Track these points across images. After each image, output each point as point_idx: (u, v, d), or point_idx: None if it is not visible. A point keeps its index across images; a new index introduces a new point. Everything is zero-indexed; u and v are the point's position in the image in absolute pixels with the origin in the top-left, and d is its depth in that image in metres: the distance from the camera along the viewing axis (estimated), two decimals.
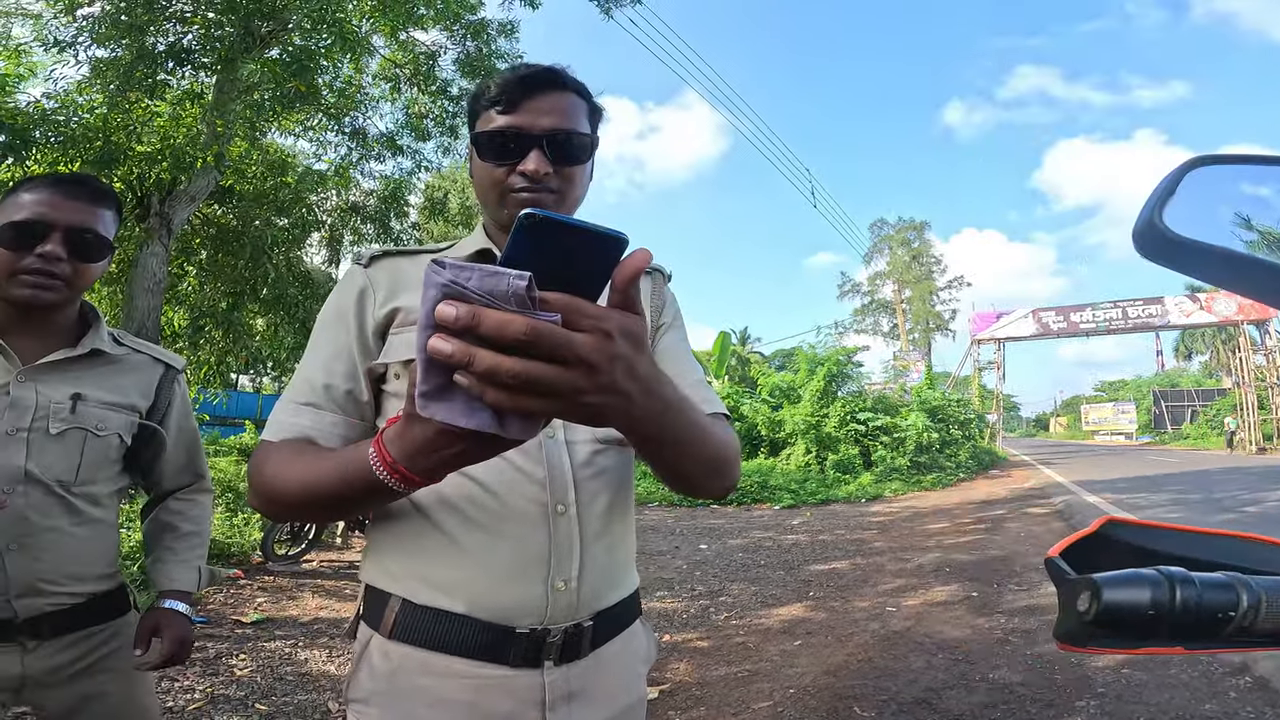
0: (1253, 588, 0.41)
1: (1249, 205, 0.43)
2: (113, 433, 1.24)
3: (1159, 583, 0.41)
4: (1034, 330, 32.82)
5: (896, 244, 43.35)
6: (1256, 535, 0.50)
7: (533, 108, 0.87)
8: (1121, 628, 0.41)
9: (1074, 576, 0.43)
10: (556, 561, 0.84)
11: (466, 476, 0.83)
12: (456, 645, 0.82)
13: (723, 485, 0.87)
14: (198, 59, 6.68)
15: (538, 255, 0.42)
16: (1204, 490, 11.14)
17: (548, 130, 0.86)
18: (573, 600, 0.85)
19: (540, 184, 0.86)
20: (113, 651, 1.24)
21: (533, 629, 0.83)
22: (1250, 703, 2.83)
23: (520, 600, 0.83)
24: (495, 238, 0.96)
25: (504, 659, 0.82)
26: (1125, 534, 0.49)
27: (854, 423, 14.79)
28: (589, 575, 0.86)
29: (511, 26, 9.03)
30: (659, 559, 6.56)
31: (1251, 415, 28.06)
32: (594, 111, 0.94)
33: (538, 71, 0.89)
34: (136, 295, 6.32)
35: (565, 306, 0.43)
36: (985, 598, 4.82)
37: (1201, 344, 44.64)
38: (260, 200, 7.38)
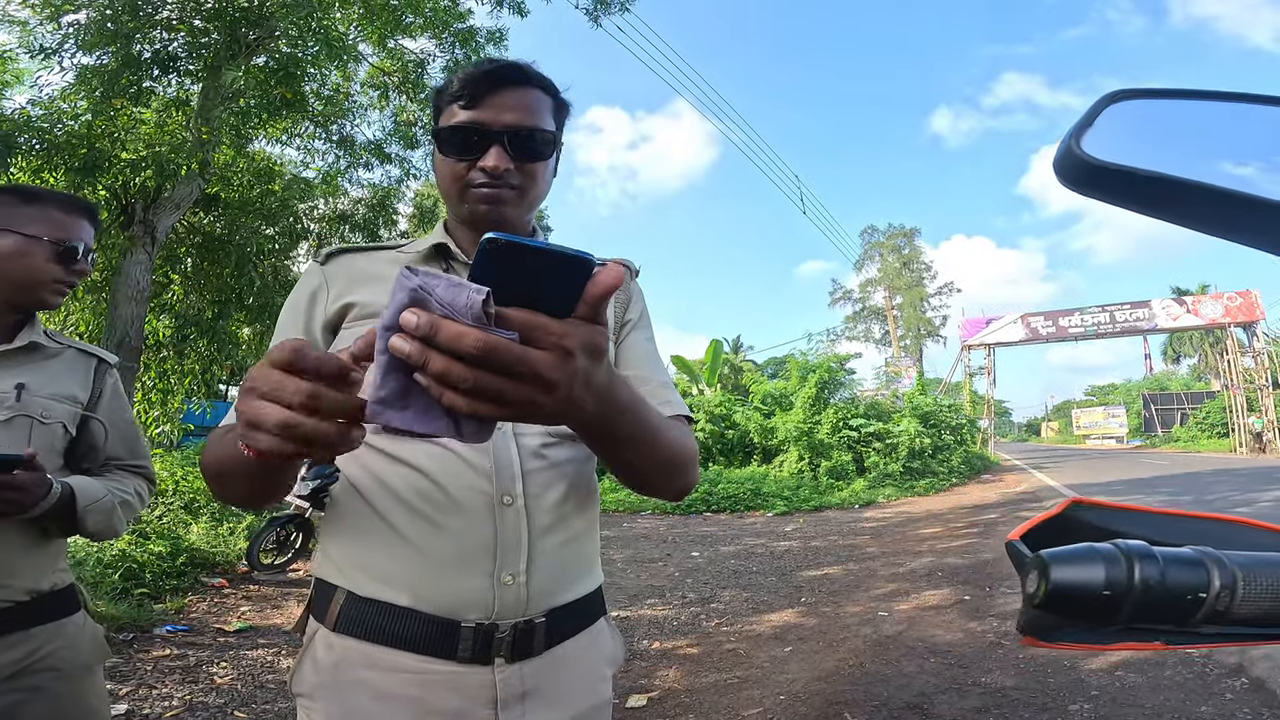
0: (1225, 564, 0.37)
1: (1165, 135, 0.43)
2: (57, 421, 1.25)
3: (1114, 558, 0.37)
4: (1023, 335, 32.99)
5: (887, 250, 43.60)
6: (1233, 516, 0.46)
7: (495, 103, 0.86)
8: (1075, 612, 0.37)
9: (1029, 555, 0.39)
10: (502, 554, 0.81)
11: (411, 467, 0.82)
12: (401, 638, 0.80)
13: (678, 486, 0.86)
14: (183, 66, 6.64)
15: (502, 277, 0.43)
16: (1196, 492, 11.19)
17: (509, 126, 0.86)
18: (521, 595, 0.82)
19: (500, 180, 0.86)
20: (56, 650, 1.21)
21: (479, 623, 0.80)
22: (1247, 704, 2.80)
23: (465, 594, 0.80)
24: (455, 233, 0.96)
25: (450, 654, 0.80)
26: (1092, 516, 0.45)
27: (846, 429, 14.79)
28: (540, 570, 0.83)
29: (500, 34, 9.03)
30: (650, 566, 6.51)
31: (1241, 417, 28.26)
32: (560, 108, 0.93)
33: (501, 66, 0.88)
34: (120, 304, 6.25)
35: (524, 324, 0.44)
36: (977, 601, 4.80)
37: (1189, 347, 45.00)
38: (246, 208, 7.33)
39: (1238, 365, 28.87)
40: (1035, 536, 0.43)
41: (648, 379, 0.95)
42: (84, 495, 1.22)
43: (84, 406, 1.32)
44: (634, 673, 3.59)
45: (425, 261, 0.94)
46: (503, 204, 0.88)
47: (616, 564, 6.65)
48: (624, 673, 3.59)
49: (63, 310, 6.86)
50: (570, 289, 0.45)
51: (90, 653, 1.28)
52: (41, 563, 1.22)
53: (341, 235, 8.77)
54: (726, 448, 15.52)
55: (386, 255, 0.96)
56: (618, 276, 0.45)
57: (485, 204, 0.88)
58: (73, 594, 1.29)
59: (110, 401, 1.37)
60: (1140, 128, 0.41)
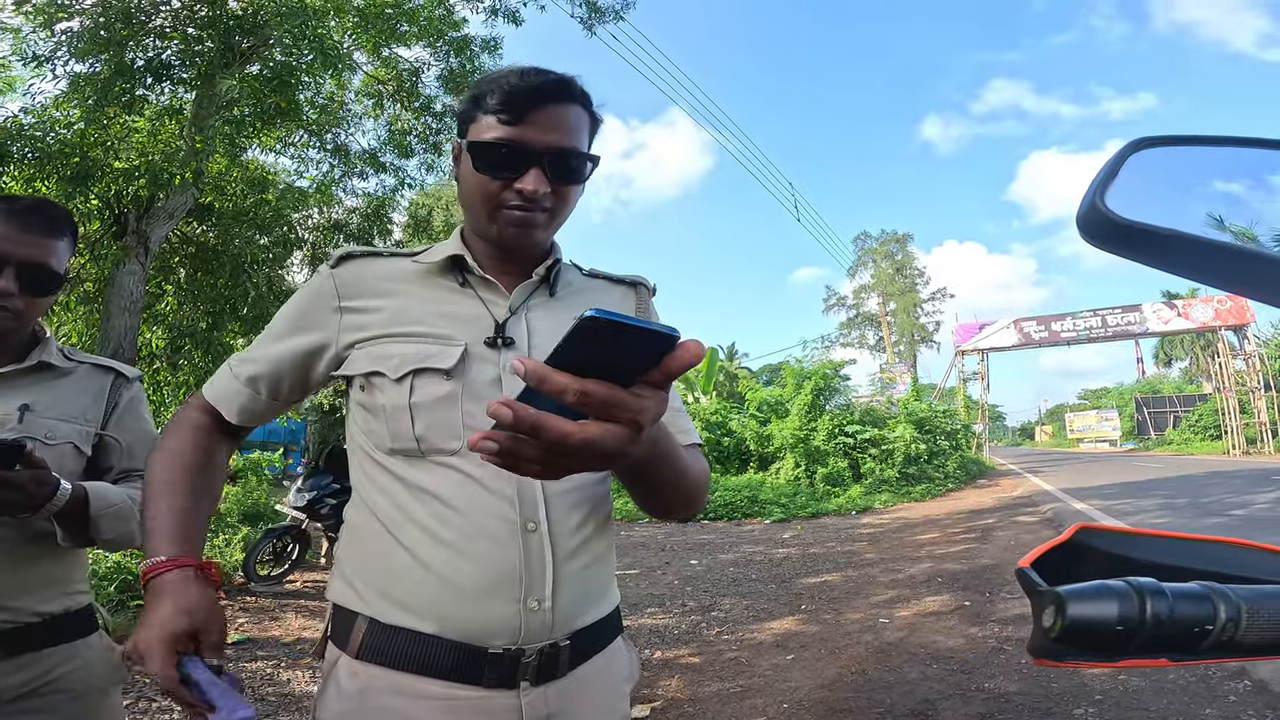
0: (1231, 599, 0.38)
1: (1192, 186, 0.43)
2: (65, 442, 1.20)
3: (1127, 595, 0.38)
4: (1016, 340, 33.11)
5: (880, 257, 43.78)
6: (1239, 540, 0.47)
7: (538, 121, 0.83)
8: (1090, 645, 0.38)
9: (1043, 588, 0.40)
10: (528, 581, 0.81)
11: (433, 495, 0.82)
12: (427, 666, 0.79)
13: (691, 512, 0.91)
14: (177, 74, 6.61)
15: (591, 349, 0.45)
16: (1190, 495, 11.21)
17: (551, 148, 0.83)
18: (547, 620, 0.81)
19: (535, 203, 0.84)
20: (71, 672, 1.18)
21: (506, 649, 0.80)
22: (1251, 706, 2.79)
23: (492, 621, 0.80)
24: (472, 244, 0.93)
25: (477, 680, 0.79)
26: (1100, 541, 0.46)
27: (842, 436, 14.79)
28: (564, 594, 0.83)
29: (495, 43, 9.05)
30: (650, 575, 6.48)
31: (1234, 419, 28.42)
32: (594, 124, 0.91)
33: (547, 83, 0.84)
34: (113, 315, 6.20)
35: (604, 401, 0.46)
36: (978, 607, 4.78)
37: (1181, 350, 45.29)
38: (240, 218, 7.29)
39: (1229, 368, 29.04)
40: (1044, 562, 0.43)
41: (670, 407, 0.97)
42: (98, 499, 1.15)
43: (99, 424, 1.28)
44: (636, 682, 3.55)
45: (440, 273, 0.92)
46: (534, 227, 0.87)
47: (616, 572, 6.59)
48: None
49: (54, 321, 6.80)
50: (649, 358, 0.47)
51: (105, 675, 1.24)
52: (51, 583, 1.19)
53: (336, 244, 8.73)
54: (723, 455, 15.49)
55: (402, 265, 0.94)
56: (698, 354, 0.47)
57: (516, 227, 0.86)
58: (90, 615, 1.26)
59: (126, 415, 1.33)
60: (1164, 178, 0.41)
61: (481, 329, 0.87)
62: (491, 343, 0.86)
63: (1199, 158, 0.44)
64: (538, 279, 0.92)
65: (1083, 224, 0.38)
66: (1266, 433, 27.40)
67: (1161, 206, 0.37)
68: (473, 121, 0.86)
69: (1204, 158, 0.44)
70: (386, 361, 0.85)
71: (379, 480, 0.86)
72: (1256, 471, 15.84)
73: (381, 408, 0.84)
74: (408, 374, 0.83)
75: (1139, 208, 0.36)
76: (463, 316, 0.88)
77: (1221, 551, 0.46)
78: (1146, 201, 0.37)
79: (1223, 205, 0.40)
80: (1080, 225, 0.38)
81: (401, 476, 0.84)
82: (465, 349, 0.84)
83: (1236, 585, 0.39)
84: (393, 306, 0.88)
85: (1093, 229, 0.37)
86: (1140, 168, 0.41)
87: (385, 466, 0.85)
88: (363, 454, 0.89)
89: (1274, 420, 27.53)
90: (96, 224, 6.49)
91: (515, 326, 0.89)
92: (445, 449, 0.83)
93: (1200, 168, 0.44)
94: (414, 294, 0.90)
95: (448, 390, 0.83)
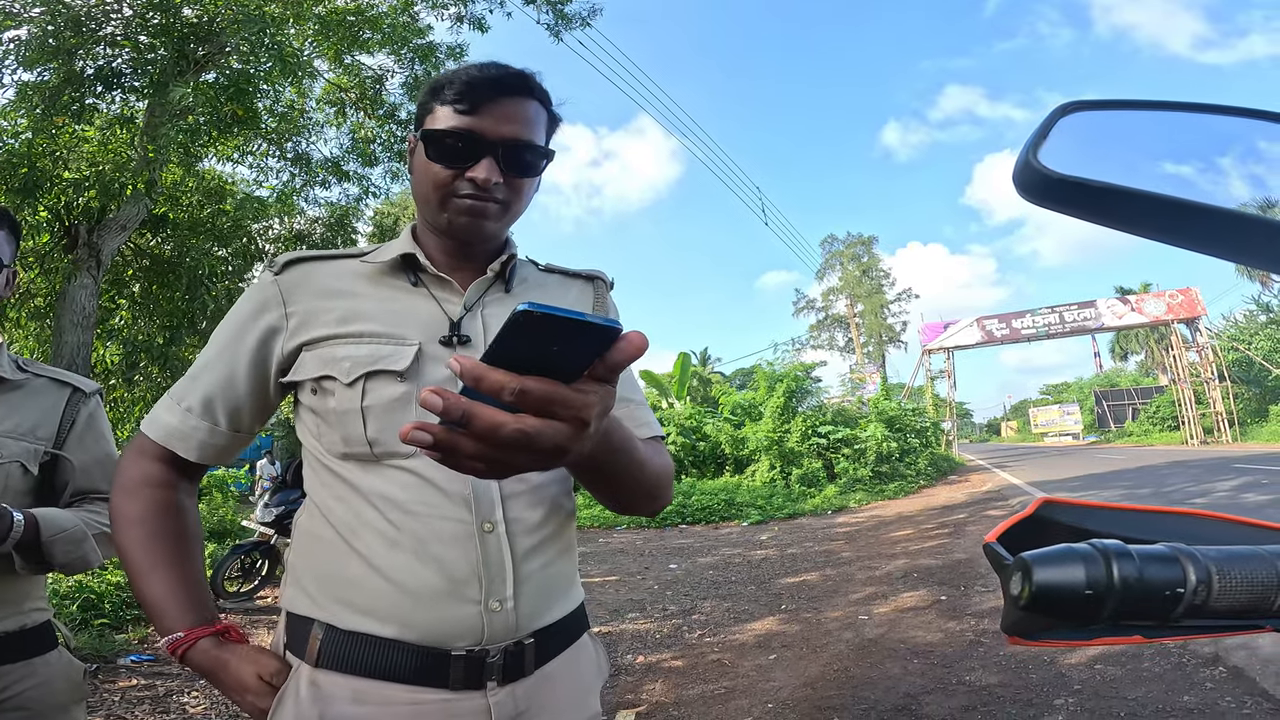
0: (1199, 560, 0.38)
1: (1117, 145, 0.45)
2: (11, 461, 1.16)
3: (1093, 558, 0.37)
4: (979, 338, 33.82)
5: (847, 259, 44.36)
6: (1201, 510, 0.47)
7: (494, 112, 0.82)
8: (1060, 612, 0.38)
9: (1010, 559, 0.40)
10: (488, 582, 0.79)
11: (386, 499, 0.79)
12: (390, 671, 0.77)
13: (657, 506, 0.88)
14: (128, 82, 6.43)
15: (527, 344, 0.44)
16: (1153, 484, 11.54)
17: (505, 139, 0.82)
18: (510, 620, 0.80)
19: (487, 193, 0.83)
20: (28, 690, 1.15)
21: (470, 650, 0.78)
22: (1228, 692, 2.83)
23: (453, 623, 0.78)
24: (424, 241, 0.91)
25: (443, 682, 0.77)
26: (1064, 515, 0.46)
27: (815, 437, 14.93)
28: (526, 593, 0.81)
29: (460, 50, 8.96)
30: (629, 580, 6.43)
31: (1191, 410, 29.37)
32: (553, 121, 0.90)
33: (505, 75, 0.84)
34: (65, 330, 5.97)
35: (546, 398, 0.45)
36: (954, 601, 4.83)
37: (1136, 344, 46.64)
38: (197, 229, 7.10)
39: (1183, 360, 30.04)
40: (1011, 538, 0.43)
41: (628, 399, 0.94)
42: (49, 526, 1.13)
43: (50, 442, 1.23)
44: (620, 688, 3.51)
45: (391, 272, 0.89)
46: (485, 218, 0.85)
47: (595, 579, 6.55)
48: (610, 688, 3.51)
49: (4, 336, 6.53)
50: (592, 351, 0.46)
51: (65, 692, 1.21)
52: (6, 602, 1.15)
53: None
54: (699, 460, 15.52)
55: (350, 266, 0.90)
56: (641, 346, 0.46)
57: (467, 216, 0.84)
58: (49, 632, 1.22)
59: (84, 434, 1.28)
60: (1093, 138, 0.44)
61: (436, 328, 0.85)
62: (447, 341, 0.84)
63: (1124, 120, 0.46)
64: (493, 275, 0.90)
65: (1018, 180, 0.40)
66: (1223, 422, 28.38)
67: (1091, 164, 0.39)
68: (429, 114, 0.86)
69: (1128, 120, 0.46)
70: (338, 364, 0.82)
71: (332, 486, 0.83)
72: (1215, 460, 16.36)
73: (333, 412, 0.81)
74: (360, 377, 0.80)
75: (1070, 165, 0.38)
76: (416, 316, 0.85)
77: (1184, 523, 0.47)
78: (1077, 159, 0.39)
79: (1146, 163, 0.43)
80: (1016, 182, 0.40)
81: (355, 482, 0.81)
82: (420, 349, 0.82)
83: (1204, 547, 0.39)
84: (342, 308, 0.85)
85: (1028, 185, 0.39)
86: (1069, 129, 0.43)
87: (337, 472, 0.83)
88: (314, 460, 0.86)
89: (1229, 410, 28.52)
90: (46, 236, 6.27)
91: (471, 324, 0.87)
92: (399, 452, 0.80)
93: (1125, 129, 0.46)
94: (364, 294, 0.87)
95: (401, 392, 0.80)
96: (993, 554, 0.42)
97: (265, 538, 5.80)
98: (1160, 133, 0.46)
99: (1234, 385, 29.54)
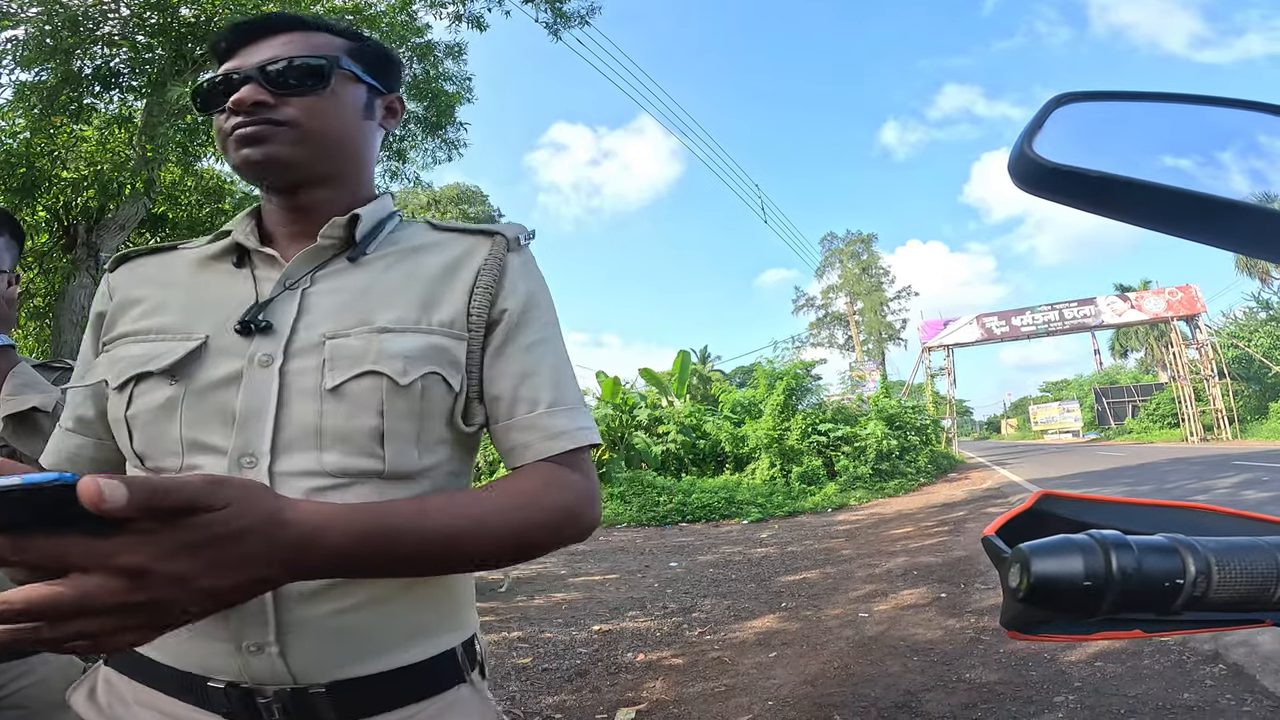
0: (1199, 550, 0.37)
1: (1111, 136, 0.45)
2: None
3: (1091, 549, 0.37)
4: (979, 335, 33.83)
5: (846, 257, 44.38)
6: (1201, 504, 0.47)
7: (250, 50, 0.76)
8: (1059, 605, 0.37)
9: (1008, 551, 0.40)
10: (240, 622, 0.66)
11: None
12: (161, 684, 0.71)
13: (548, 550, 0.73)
14: (126, 82, 6.44)
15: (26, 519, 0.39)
16: (1154, 481, 11.55)
17: (261, 63, 0.74)
18: (276, 666, 0.67)
19: (255, 114, 0.73)
20: (25, 688, 1.17)
21: (231, 685, 0.68)
22: (1228, 690, 2.83)
23: (204, 656, 0.69)
24: (266, 217, 0.82)
25: (215, 708, 0.69)
26: (1062, 508, 0.46)
27: (815, 434, 14.93)
28: (299, 641, 0.68)
29: (459, 49, 8.98)
30: (630, 579, 6.44)
31: (1191, 407, 29.38)
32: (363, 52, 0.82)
33: (259, 17, 0.80)
34: (64, 330, 5.98)
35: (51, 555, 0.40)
36: (954, 598, 4.83)
37: (1136, 341, 46.67)
38: (196, 228, 7.10)
39: (1183, 357, 30.05)
40: (1009, 531, 0.43)
41: (528, 399, 0.76)
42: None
43: None
44: (620, 685, 3.51)
45: (220, 256, 0.80)
46: (267, 142, 0.74)
47: (595, 577, 6.56)
48: (611, 686, 3.51)
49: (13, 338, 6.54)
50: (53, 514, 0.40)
51: (61, 689, 1.19)
52: None
53: None
54: (698, 458, 15.52)
55: (183, 256, 0.82)
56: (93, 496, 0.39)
57: (246, 146, 0.74)
58: None
59: None
60: (1087, 129, 0.44)
61: (238, 314, 0.72)
62: (244, 329, 0.71)
63: (1119, 111, 0.46)
64: (327, 243, 0.77)
65: (1014, 170, 0.40)
66: (1223, 419, 28.39)
67: (1086, 154, 0.39)
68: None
69: (1123, 111, 0.47)
70: (113, 367, 0.73)
71: None
72: (1216, 457, 16.36)
73: (112, 421, 0.74)
74: (128, 380, 0.71)
75: (1065, 155, 0.38)
76: (221, 302, 0.74)
77: (1184, 516, 0.46)
78: (1071, 149, 0.39)
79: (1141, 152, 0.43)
80: (1011, 172, 0.40)
81: None
82: (203, 343, 0.71)
83: (1203, 538, 0.38)
84: (150, 302, 0.77)
85: (1023, 175, 0.39)
86: (1064, 120, 0.43)
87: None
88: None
89: (1229, 407, 28.53)
90: (45, 236, 6.27)
91: (284, 305, 0.73)
92: (166, 468, 0.70)
93: (1120, 120, 0.46)
94: (179, 284, 0.78)
95: (167, 396, 0.70)
96: (991, 547, 0.42)
97: None
98: (1155, 123, 0.46)
99: (1234, 382, 29.54)
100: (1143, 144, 0.45)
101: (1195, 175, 0.41)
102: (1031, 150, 0.39)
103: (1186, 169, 0.41)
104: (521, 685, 3.58)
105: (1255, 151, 0.44)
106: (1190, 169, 0.41)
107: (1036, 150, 0.39)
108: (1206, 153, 0.44)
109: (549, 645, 4.29)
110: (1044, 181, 0.39)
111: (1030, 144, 0.40)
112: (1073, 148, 0.40)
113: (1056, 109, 0.44)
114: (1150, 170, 0.39)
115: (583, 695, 3.40)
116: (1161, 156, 0.43)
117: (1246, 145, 0.45)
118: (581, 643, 4.34)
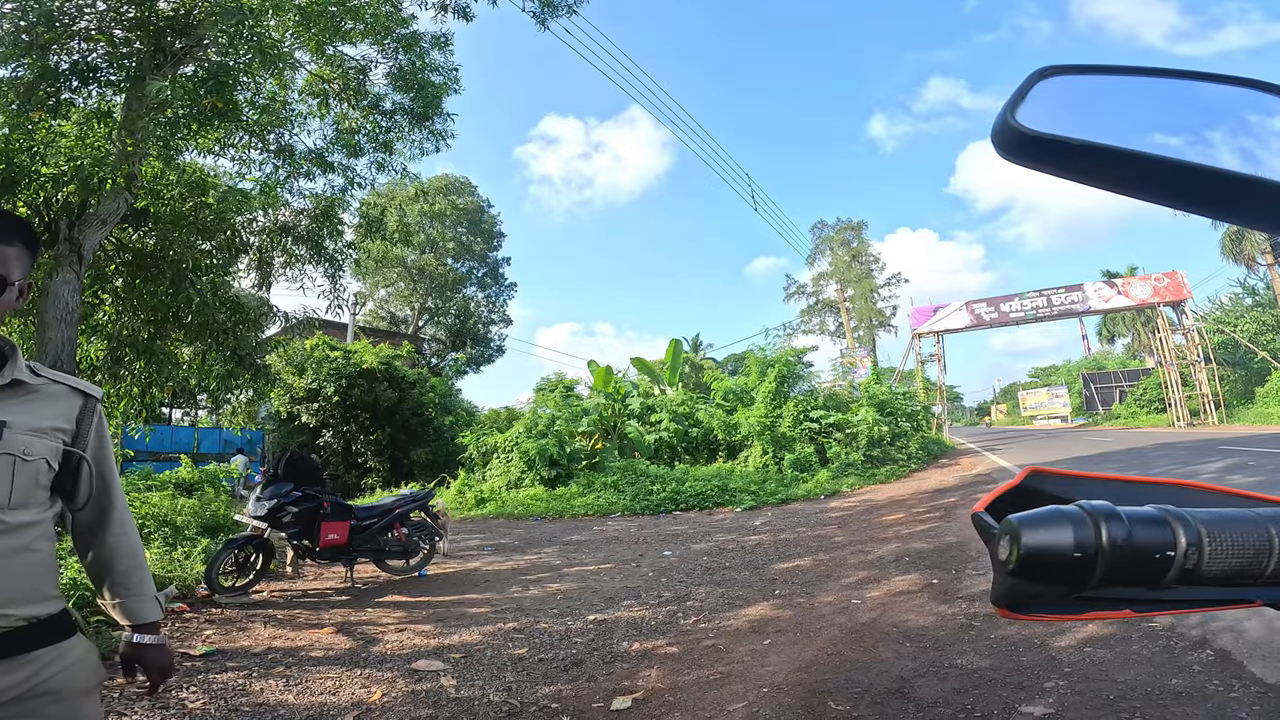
0: (1190, 522, 0.37)
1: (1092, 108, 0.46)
2: (40, 458, 1.24)
3: (1081, 520, 0.36)
4: (968, 322, 34.01)
5: (837, 244, 44.40)
6: (1188, 481, 0.47)
7: None
8: (1049, 577, 0.37)
9: (998, 526, 0.39)
10: None
11: None
12: None
13: None
14: (104, 77, 6.32)
15: None
16: (1140, 466, 11.66)
17: None
18: None
19: None
20: (54, 675, 1.20)
21: None
22: (1216, 675, 2.86)
23: None
24: None
25: None
26: (1051, 485, 0.46)
27: (807, 421, 14.98)
28: None
29: (445, 39, 8.87)
30: (624, 568, 6.45)
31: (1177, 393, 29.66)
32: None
33: None
34: (49, 326, 5.89)
35: None
36: (945, 585, 4.87)
37: (1123, 327, 46.98)
38: (179, 222, 6.99)
39: (1169, 343, 30.32)
40: (999, 507, 0.43)
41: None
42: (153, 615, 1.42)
43: (68, 442, 1.30)
44: (616, 674, 3.52)
45: None
46: None
47: (590, 567, 6.57)
48: (607, 675, 3.53)
49: None
50: None
51: (88, 675, 1.27)
52: (32, 589, 1.21)
53: (284, 248, 8.47)
54: (691, 446, 15.56)
55: None
56: None
57: None
58: (68, 617, 1.29)
59: (98, 439, 1.37)
60: (1069, 101, 0.45)
61: None
62: None
63: (1100, 85, 0.48)
64: None
65: (997, 139, 0.41)
66: (1209, 404, 28.69)
67: (1068, 124, 0.40)
68: None
69: (1104, 85, 0.48)
70: None
71: None
72: (1202, 442, 16.54)
73: None
74: None
75: (1047, 125, 0.39)
76: None
77: (1171, 493, 0.46)
78: (1054, 120, 0.40)
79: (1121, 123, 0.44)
80: (994, 141, 0.41)
81: None
82: None
83: (1194, 509, 0.38)
84: None
85: (1006, 143, 0.40)
86: (1047, 92, 0.45)
87: None
88: None
89: (1216, 392, 28.83)
90: None
91: None
92: None
93: (1101, 92, 0.48)
94: None
95: None
96: (981, 523, 0.42)
97: (259, 532, 5.77)
98: (1134, 96, 0.48)
99: (1220, 368, 29.86)
100: (1122, 114, 0.47)
101: (1172, 142, 0.42)
102: (1014, 120, 0.40)
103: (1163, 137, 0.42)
104: (518, 675, 3.58)
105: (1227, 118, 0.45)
106: (1166, 136, 0.42)
107: (1019, 120, 0.40)
108: (1182, 120, 0.44)
109: (544, 635, 4.30)
110: (1025, 150, 0.40)
111: (1014, 114, 0.41)
112: (1056, 119, 0.41)
113: (1040, 81, 0.45)
114: (1128, 139, 0.40)
115: (579, 685, 3.42)
116: (1141, 127, 0.44)
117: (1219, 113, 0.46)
118: (577, 632, 4.35)
